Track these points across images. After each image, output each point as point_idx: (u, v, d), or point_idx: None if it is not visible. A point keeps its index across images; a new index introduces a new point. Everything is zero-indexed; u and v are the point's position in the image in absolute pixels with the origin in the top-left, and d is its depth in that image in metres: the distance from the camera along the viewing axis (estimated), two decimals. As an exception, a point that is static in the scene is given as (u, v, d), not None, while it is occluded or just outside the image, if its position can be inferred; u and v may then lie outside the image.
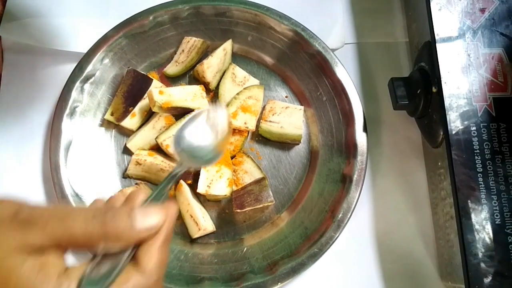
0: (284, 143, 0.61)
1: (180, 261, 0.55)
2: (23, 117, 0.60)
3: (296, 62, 0.62)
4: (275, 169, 0.60)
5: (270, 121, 0.59)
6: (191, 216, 0.55)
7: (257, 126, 0.60)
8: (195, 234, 0.55)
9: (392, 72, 0.63)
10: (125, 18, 0.61)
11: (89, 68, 0.59)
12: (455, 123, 0.50)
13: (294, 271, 0.53)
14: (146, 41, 0.62)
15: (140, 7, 0.61)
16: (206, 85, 0.61)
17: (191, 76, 0.63)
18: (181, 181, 0.56)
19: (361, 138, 0.58)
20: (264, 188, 0.55)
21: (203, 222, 0.54)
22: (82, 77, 0.58)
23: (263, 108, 0.61)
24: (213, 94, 0.62)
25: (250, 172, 0.58)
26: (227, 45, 0.61)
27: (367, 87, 0.64)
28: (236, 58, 0.64)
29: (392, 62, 0.65)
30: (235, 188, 0.57)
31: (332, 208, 0.56)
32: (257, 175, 0.57)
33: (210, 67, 0.60)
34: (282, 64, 0.63)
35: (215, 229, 0.57)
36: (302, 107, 0.60)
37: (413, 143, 0.61)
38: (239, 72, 0.61)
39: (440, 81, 0.51)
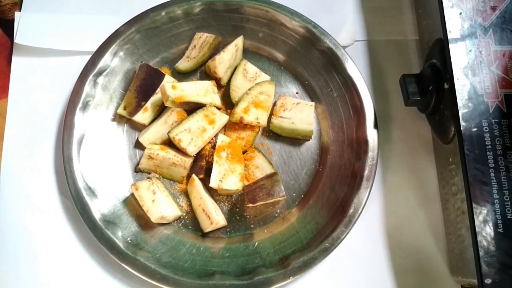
0: (294, 139, 0.61)
1: (192, 254, 0.55)
2: (35, 111, 0.61)
3: (307, 58, 0.63)
4: (285, 164, 0.60)
5: (281, 117, 0.59)
6: (203, 210, 0.55)
7: (268, 121, 0.60)
8: (207, 228, 0.55)
9: (402, 69, 0.63)
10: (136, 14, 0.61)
11: (101, 63, 0.59)
12: (467, 119, 0.50)
13: (306, 265, 0.53)
14: (158, 36, 0.62)
15: (152, 3, 0.62)
16: (217, 81, 0.61)
17: (202, 71, 0.63)
18: (193, 176, 0.57)
19: (372, 134, 0.58)
20: (276, 183, 0.55)
21: (215, 216, 0.55)
22: (95, 71, 0.59)
23: (274, 104, 0.61)
24: (224, 90, 0.62)
25: (261, 167, 0.58)
26: (239, 41, 0.62)
27: (377, 84, 0.64)
28: (247, 54, 0.64)
29: (402, 59, 0.66)
30: (246, 183, 0.57)
31: (343, 204, 0.56)
32: (268, 170, 0.58)
33: (222, 63, 0.60)
34: (293, 60, 0.64)
35: (226, 223, 0.57)
36: (313, 103, 0.60)
37: (423, 139, 0.62)
38: (251, 68, 0.61)
39: (453, 77, 0.51)
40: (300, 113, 0.59)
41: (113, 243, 0.53)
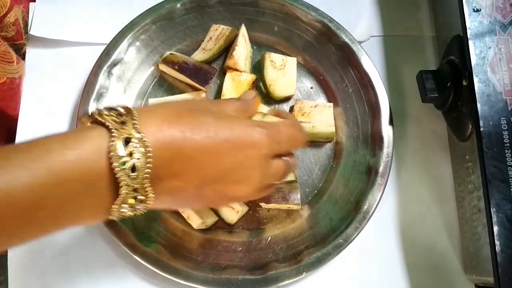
0: (315, 142, 0.60)
1: (205, 248, 0.55)
2: (49, 102, 0.60)
3: (323, 53, 0.62)
4: (299, 160, 0.60)
5: (301, 122, 0.58)
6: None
7: None
8: (235, 218, 0.55)
9: (418, 65, 0.62)
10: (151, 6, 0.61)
11: (116, 54, 0.59)
12: (485, 116, 0.50)
13: (319, 261, 0.53)
14: (172, 28, 0.62)
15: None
16: None
17: (221, 67, 0.63)
18: None
19: (387, 131, 0.58)
20: (294, 190, 0.55)
21: (239, 205, 0.55)
22: (109, 62, 0.58)
23: (292, 108, 0.60)
24: (254, 86, 0.61)
25: None
26: (243, 31, 0.61)
27: (393, 80, 0.64)
28: (262, 48, 0.63)
29: (418, 55, 0.65)
30: None
31: (357, 200, 0.56)
32: (289, 177, 0.57)
33: (240, 57, 0.59)
34: (308, 55, 0.63)
35: (248, 207, 0.57)
36: (331, 104, 0.59)
37: (439, 136, 0.61)
38: (276, 57, 0.60)
39: (472, 74, 0.51)
40: (320, 116, 0.58)
41: (125, 235, 0.53)
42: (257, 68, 0.62)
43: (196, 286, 0.52)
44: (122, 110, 0.36)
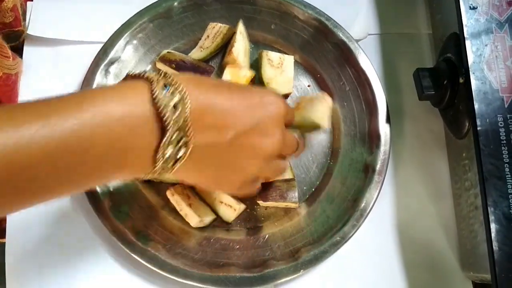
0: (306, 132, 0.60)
1: (202, 246, 0.55)
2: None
3: (320, 51, 0.62)
4: (296, 158, 0.60)
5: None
6: (221, 202, 0.55)
7: None
8: (233, 217, 0.56)
9: (415, 63, 0.62)
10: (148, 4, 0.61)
11: (113, 52, 0.59)
12: (482, 114, 0.50)
13: (317, 259, 0.53)
14: (170, 26, 0.62)
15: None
16: None
17: (218, 65, 0.63)
18: None
19: (384, 129, 0.58)
20: (292, 188, 0.55)
21: (236, 202, 0.55)
22: (107, 60, 0.58)
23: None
24: (253, 82, 0.61)
25: None
26: (240, 28, 0.61)
27: (390, 78, 0.64)
28: (259, 46, 0.63)
29: (415, 53, 0.65)
30: None
31: (354, 198, 0.56)
32: (287, 175, 0.57)
33: (239, 53, 0.59)
34: (305, 53, 0.63)
35: (245, 206, 0.57)
36: (330, 100, 0.57)
37: (436, 134, 0.61)
38: (273, 55, 0.60)
39: (468, 72, 0.51)
40: (316, 106, 0.58)
41: (123, 233, 0.53)
42: (255, 66, 0.62)
43: (194, 284, 0.52)
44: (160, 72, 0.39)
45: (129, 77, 0.39)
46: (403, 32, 0.66)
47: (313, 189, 0.59)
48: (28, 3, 0.63)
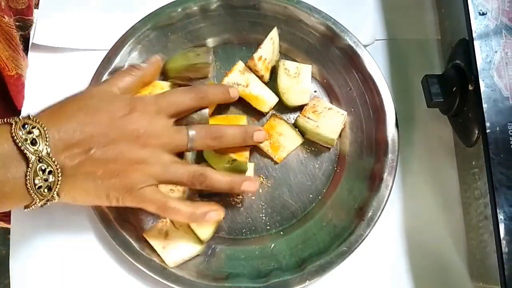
0: (315, 142, 0.60)
1: (207, 256, 0.54)
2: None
3: (326, 56, 0.61)
4: (302, 164, 0.59)
5: (308, 118, 0.57)
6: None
7: (295, 119, 0.59)
8: (208, 233, 0.54)
9: (423, 69, 0.62)
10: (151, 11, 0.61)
11: (117, 60, 0.58)
12: (492, 122, 0.49)
13: (323, 269, 0.52)
14: (174, 33, 0.61)
15: (167, 0, 0.61)
16: (260, 78, 0.60)
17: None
18: None
19: (392, 136, 0.57)
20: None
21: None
22: (111, 68, 0.58)
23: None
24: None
25: (285, 134, 0.58)
26: (274, 34, 0.60)
27: (398, 83, 0.63)
28: (264, 51, 0.63)
29: (423, 59, 0.64)
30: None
31: (361, 206, 0.55)
32: (295, 139, 0.58)
33: (261, 60, 0.58)
34: (312, 58, 0.62)
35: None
36: (345, 113, 0.58)
37: (444, 141, 0.60)
38: (290, 65, 0.59)
39: (478, 79, 0.50)
40: (329, 120, 0.57)
41: (128, 243, 0.53)
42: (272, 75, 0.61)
43: (199, 295, 0.51)
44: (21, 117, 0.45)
45: None
46: (411, 38, 0.65)
47: (319, 197, 0.58)
48: (35, 11, 0.62)
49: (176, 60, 0.59)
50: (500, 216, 0.47)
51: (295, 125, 0.59)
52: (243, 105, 0.60)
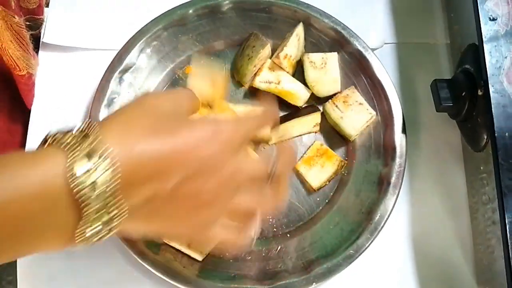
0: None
1: (214, 257, 0.54)
2: (60, 107, 0.60)
3: (335, 60, 0.62)
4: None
5: (336, 106, 0.58)
6: None
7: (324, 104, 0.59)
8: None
9: (432, 73, 0.62)
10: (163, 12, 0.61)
11: (127, 59, 0.59)
12: (501, 127, 0.49)
13: (330, 272, 0.52)
14: (184, 34, 0.62)
15: (179, 1, 0.61)
16: None
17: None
18: None
19: (400, 140, 0.57)
20: None
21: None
22: (121, 68, 0.58)
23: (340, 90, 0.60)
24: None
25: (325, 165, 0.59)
26: (299, 30, 0.60)
27: (406, 88, 0.63)
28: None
29: (432, 63, 0.64)
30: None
31: (368, 210, 0.55)
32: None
33: (286, 58, 0.59)
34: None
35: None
36: (374, 114, 0.58)
37: (453, 146, 0.60)
38: (314, 57, 0.59)
39: (487, 84, 0.50)
40: (355, 114, 0.57)
41: (135, 242, 0.53)
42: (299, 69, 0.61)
43: (205, 296, 0.51)
44: (82, 126, 0.34)
45: (48, 140, 0.33)
46: (420, 42, 0.65)
47: (327, 201, 0.58)
48: (45, 9, 0.63)
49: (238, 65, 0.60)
50: (508, 222, 0.47)
51: (323, 109, 0.59)
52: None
